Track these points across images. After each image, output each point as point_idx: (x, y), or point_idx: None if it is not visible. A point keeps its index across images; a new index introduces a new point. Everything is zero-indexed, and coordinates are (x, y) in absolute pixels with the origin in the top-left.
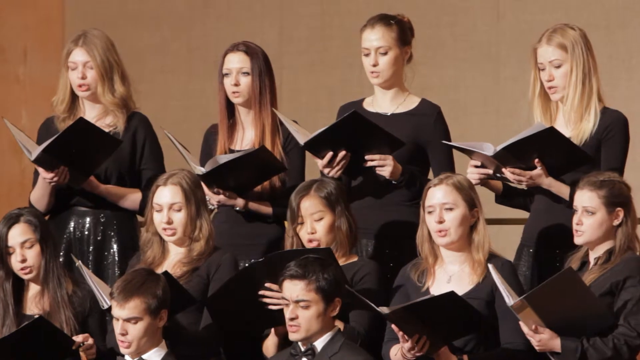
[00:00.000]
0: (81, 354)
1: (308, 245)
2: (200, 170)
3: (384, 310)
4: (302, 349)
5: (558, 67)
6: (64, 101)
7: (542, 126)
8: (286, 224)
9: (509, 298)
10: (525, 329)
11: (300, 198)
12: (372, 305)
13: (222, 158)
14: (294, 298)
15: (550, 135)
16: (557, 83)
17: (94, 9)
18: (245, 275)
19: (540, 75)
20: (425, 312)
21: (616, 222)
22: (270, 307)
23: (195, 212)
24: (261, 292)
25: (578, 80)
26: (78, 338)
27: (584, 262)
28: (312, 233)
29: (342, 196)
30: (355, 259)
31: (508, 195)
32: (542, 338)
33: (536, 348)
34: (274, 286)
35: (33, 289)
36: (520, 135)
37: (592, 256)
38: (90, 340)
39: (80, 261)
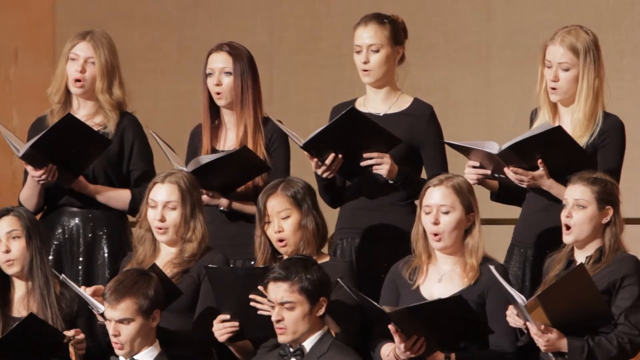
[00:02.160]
0: (70, 349)
1: (277, 244)
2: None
3: (386, 309)
4: (291, 349)
5: (566, 70)
6: (58, 91)
7: (549, 125)
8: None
9: (520, 298)
10: (533, 328)
11: (266, 197)
12: (376, 304)
13: (204, 158)
14: (279, 300)
15: (557, 135)
16: (560, 85)
17: (84, 10)
18: (248, 275)
19: (545, 71)
20: (430, 314)
21: (605, 220)
22: (260, 312)
23: (189, 213)
24: (251, 296)
25: (590, 88)
26: (69, 332)
27: (570, 261)
28: (280, 231)
29: (309, 195)
30: (327, 259)
31: (504, 193)
32: (550, 338)
33: (542, 348)
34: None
35: (20, 290)
36: (526, 134)
37: (581, 255)
38: (81, 335)
39: (64, 275)
